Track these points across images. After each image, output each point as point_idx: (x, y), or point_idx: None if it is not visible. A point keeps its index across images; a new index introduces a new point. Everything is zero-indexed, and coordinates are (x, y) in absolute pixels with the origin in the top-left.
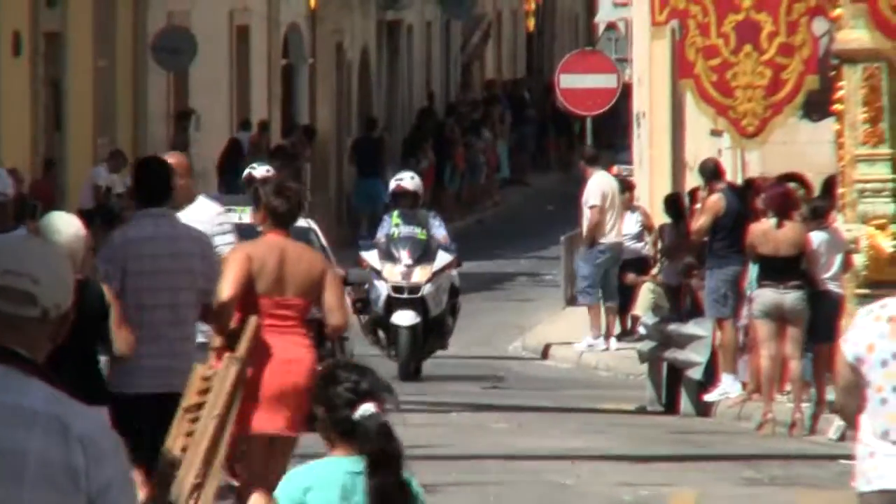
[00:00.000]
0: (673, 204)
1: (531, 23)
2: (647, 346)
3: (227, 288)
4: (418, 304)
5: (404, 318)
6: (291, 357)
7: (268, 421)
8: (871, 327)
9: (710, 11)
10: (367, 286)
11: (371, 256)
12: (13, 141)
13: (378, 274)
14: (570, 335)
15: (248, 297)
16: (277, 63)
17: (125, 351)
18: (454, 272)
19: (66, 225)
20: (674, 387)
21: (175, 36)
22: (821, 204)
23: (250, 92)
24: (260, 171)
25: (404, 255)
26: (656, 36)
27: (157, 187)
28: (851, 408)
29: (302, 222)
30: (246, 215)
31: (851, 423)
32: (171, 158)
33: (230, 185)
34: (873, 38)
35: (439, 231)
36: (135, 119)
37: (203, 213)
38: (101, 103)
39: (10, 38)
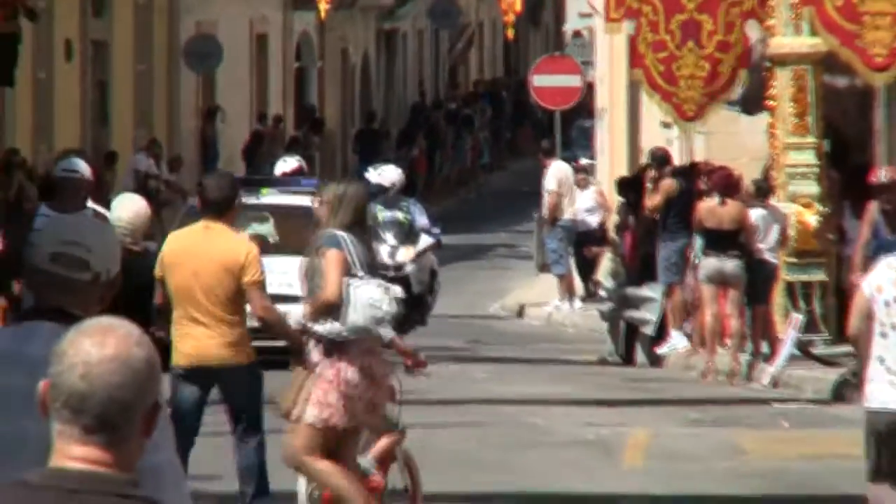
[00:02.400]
0: (629, 186)
1: (510, 31)
2: (607, 306)
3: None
4: (402, 282)
5: None
6: None
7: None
8: (884, 273)
9: (659, 11)
10: None
11: None
12: (66, 133)
13: None
14: (541, 297)
15: None
16: (291, 66)
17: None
18: (433, 256)
19: (132, 203)
20: (630, 341)
21: (203, 43)
22: (763, 184)
23: (268, 90)
24: (290, 162)
25: (389, 237)
26: (610, 31)
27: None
28: (865, 335)
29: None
30: (266, 196)
31: (864, 349)
32: None
33: (256, 169)
34: (823, 38)
35: (421, 217)
36: (169, 114)
37: None
38: (141, 101)
39: (62, 45)
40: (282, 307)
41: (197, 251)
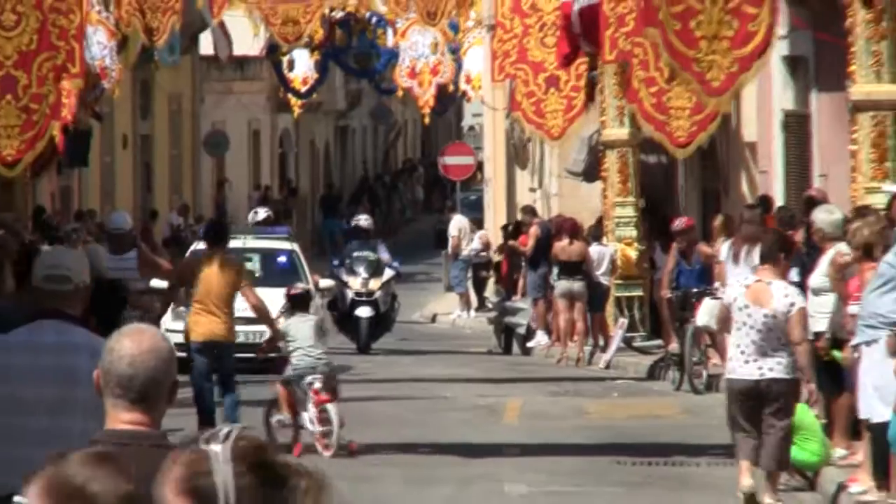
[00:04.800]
0: (510, 231)
1: (425, 120)
2: (492, 314)
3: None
4: (373, 304)
5: (363, 312)
6: None
7: None
8: (736, 288)
9: (649, 52)
10: (335, 293)
11: (340, 273)
12: (123, 198)
13: (345, 284)
14: (448, 308)
15: None
16: (276, 151)
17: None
18: (393, 283)
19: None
20: (508, 339)
21: (216, 136)
22: (598, 230)
23: (260, 168)
24: (261, 213)
25: (361, 271)
26: (607, 70)
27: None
28: (723, 330)
29: (289, 245)
30: (247, 241)
31: (721, 339)
32: None
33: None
34: (643, 127)
35: (384, 254)
36: (193, 184)
37: None
38: (174, 176)
39: (120, 137)
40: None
41: (211, 271)
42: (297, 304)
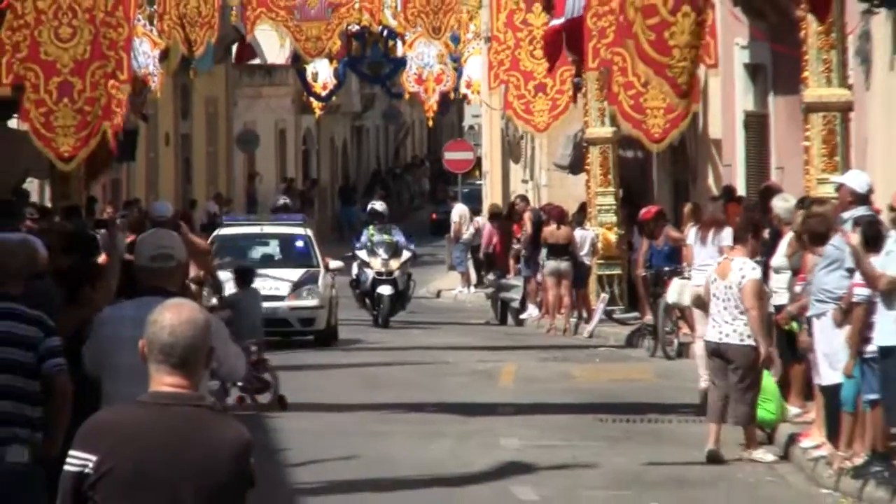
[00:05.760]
0: (504, 215)
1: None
2: (490, 290)
3: None
4: (392, 283)
5: (385, 290)
6: None
7: None
8: (712, 266)
9: (627, 60)
10: (356, 272)
11: (362, 254)
12: (165, 190)
13: (367, 265)
14: (451, 285)
15: None
16: (300, 148)
17: None
18: (409, 264)
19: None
20: (504, 311)
21: (248, 134)
22: (581, 216)
23: (286, 163)
24: (280, 200)
25: (382, 252)
26: (590, 76)
27: None
28: (705, 302)
29: (303, 231)
30: (264, 227)
31: (704, 309)
32: None
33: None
34: (622, 126)
35: (400, 237)
36: (228, 177)
37: None
38: (210, 170)
39: (163, 136)
40: (271, 304)
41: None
42: (243, 277)
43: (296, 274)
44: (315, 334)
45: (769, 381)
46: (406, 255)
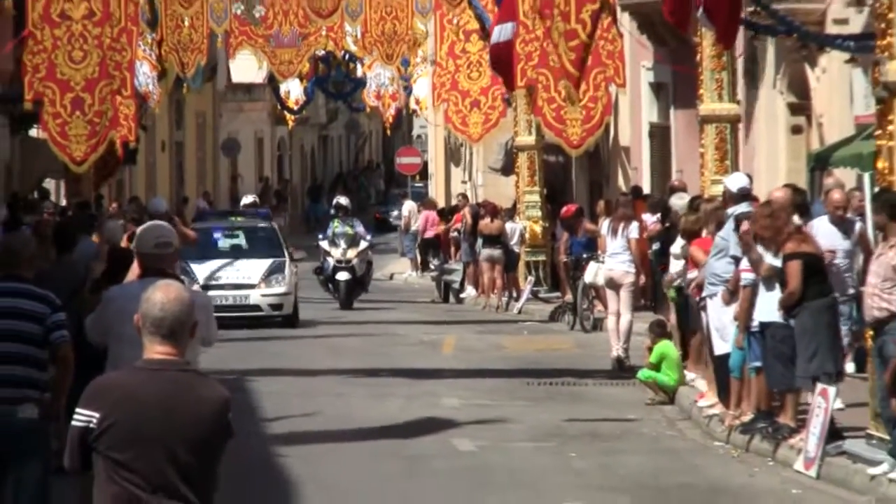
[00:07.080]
0: (447, 211)
1: (388, 132)
2: (435, 273)
3: None
4: (350, 269)
5: (342, 276)
6: None
7: None
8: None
9: (549, 79)
10: (321, 260)
11: (324, 244)
12: (162, 189)
13: (328, 254)
14: (401, 269)
15: None
16: (275, 154)
17: None
18: (370, 252)
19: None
20: (447, 291)
21: (231, 142)
22: (512, 210)
23: (263, 166)
24: (248, 198)
25: (342, 243)
26: (516, 96)
27: None
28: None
29: (268, 224)
30: (234, 221)
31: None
32: None
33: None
34: (546, 134)
35: (360, 229)
36: (214, 178)
37: None
38: (199, 172)
39: (160, 143)
40: (244, 292)
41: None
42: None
43: (265, 264)
44: (283, 318)
45: (672, 349)
46: (363, 244)
